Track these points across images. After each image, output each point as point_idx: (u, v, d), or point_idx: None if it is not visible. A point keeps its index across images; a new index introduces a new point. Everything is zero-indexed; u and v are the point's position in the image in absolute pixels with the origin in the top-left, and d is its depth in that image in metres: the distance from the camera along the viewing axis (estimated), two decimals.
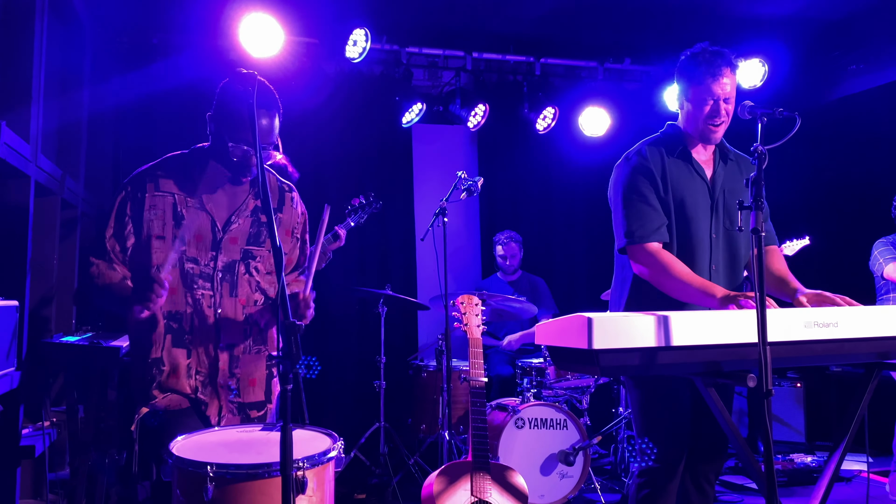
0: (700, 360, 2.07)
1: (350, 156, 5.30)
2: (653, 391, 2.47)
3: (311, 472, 1.84)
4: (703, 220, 2.51)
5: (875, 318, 2.19)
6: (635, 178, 2.48)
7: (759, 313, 1.90)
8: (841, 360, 2.26)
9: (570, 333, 2.01)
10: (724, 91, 2.46)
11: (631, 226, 2.45)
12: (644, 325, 1.98)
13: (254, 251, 2.25)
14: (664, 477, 2.48)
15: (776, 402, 5.55)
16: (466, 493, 2.70)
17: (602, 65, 5.40)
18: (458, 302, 2.99)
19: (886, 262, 4.12)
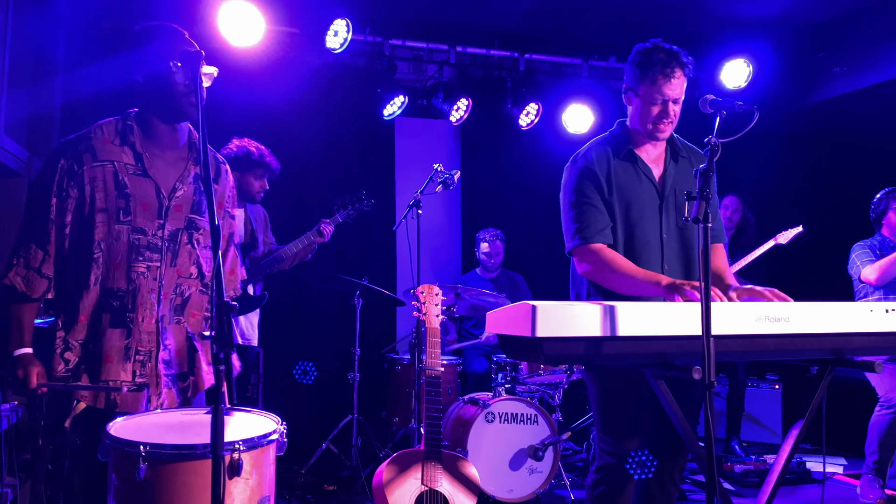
0: (647, 351, 2.06)
1: (332, 147, 5.29)
2: (609, 386, 2.45)
3: (247, 455, 1.82)
4: (652, 221, 2.49)
5: (828, 314, 2.18)
6: (580, 181, 2.47)
7: (703, 305, 1.88)
8: (793, 355, 2.24)
9: (516, 322, 2.00)
10: (674, 92, 2.44)
11: (575, 228, 2.45)
12: (589, 314, 1.97)
13: (197, 221, 2.20)
14: (621, 472, 2.46)
15: (755, 403, 5.55)
16: (417, 482, 2.68)
17: (587, 62, 5.38)
18: (419, 291, 2.98)
19: (863, 265, 4.11)
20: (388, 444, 4.35)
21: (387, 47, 5.00)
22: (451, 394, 4.46)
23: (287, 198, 5.11)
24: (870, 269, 4.05)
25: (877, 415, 4.06)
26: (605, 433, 2.46)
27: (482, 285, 5.04)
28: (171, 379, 2.18)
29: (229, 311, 1.67)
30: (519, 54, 5.29)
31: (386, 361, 4.63)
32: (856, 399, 4.61)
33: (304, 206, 5.10)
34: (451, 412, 4.16)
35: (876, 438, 4.03)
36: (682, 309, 2.04)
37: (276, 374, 4.64)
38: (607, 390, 2.46)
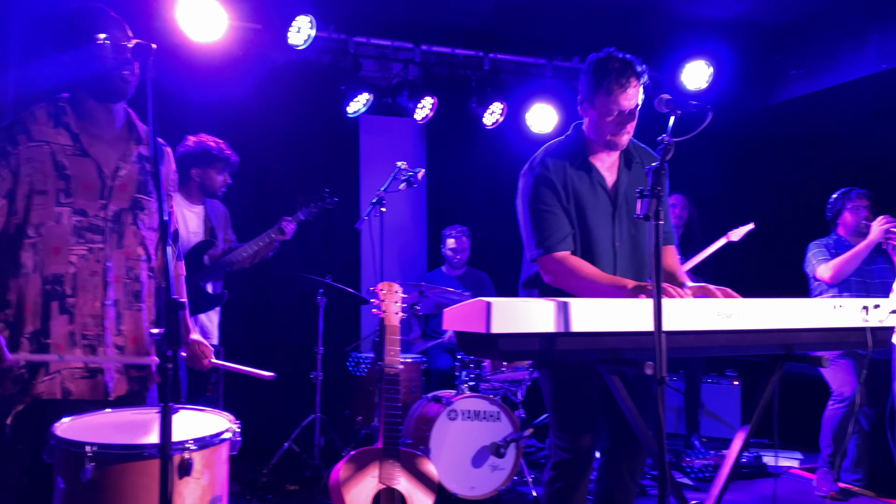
0: (601, 346, 2.07)
1: (296, 145, 5.25)
2: (563, 382, 2.47)
3: (198, 454, 1.80)
4: (605, 230, 2.51)
5: (778, 311, 2.22)
6: (539, 189, 2.47)
7: (655, 301, 1.91)
8: (745, 350, 2.28)
9: (471, 318, 2.00)
10: (629, 103, 2.44)
11: (539, 236, 2.45)
12: (544, 310, 1.98)
13: (143, 201, 2.15)
14: (577, 468, 2.48)
15: (714, 399, 5.64)
16: (374, 480, 2.68)
17: (551, 62, 5.41)
18: (378, 289, 2.96)
19: (819, 263, 4.20)
20: (351, 443, 4.34)
21: (351, 45, 4.98)
22: (414, 392, 4.45)
23: (249, 195, 5.06)
24: (824, 268, 4.14)
25: (829, 409, 4.15)
26: (560, 430, 2.48)
27: (448, 283, 5.05)
28: (123, 366, 2.13)
29: (178, 308, 1.64)
30: (484, 54, 5.31)
31: (349, 360, 4.61)
32: (811, 394, 4.70)
33: (267, 204, 5.05)
34: (415, 410, 4.16)
35: (829, 432, 4.12)
36: (634, 305, 2.06)
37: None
38: (561, 386, 2.48)
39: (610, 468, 2.65)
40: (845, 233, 4.30)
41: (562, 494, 2.48)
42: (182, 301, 1.66)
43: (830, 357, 4.16)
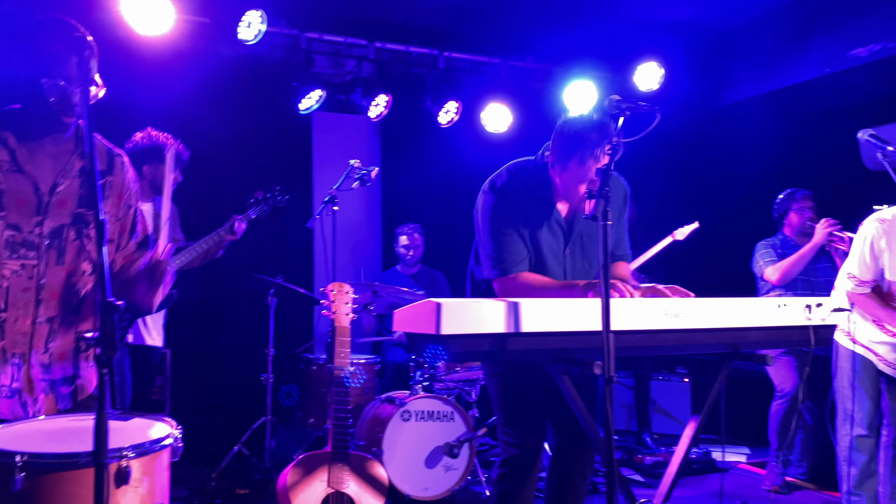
0: (551, 347, 2.08)
1: (246, 142, 5.15)
2: (511, 379, 2.47)
3: (137, 462, 1.73)
4: (557, 265, 2.53)
5: (725, 310, 2.25)
6: (499, 211, 2.47)
7: (603, 301, 1.91)
8: (693, 349, 2.31)
9: (422, 319, 1.98)
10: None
11: (495, 258, 2.45)
12: (494, 311, 1.98)
13: (86, 216, 2.07)
14: (525, 466, 2.48)
15: (665, 396, 5.73)
16: (323, 485, 2.63)
17: (505, 61, 5.42)
18: (328, 289, 2.92)
19: (766, 265, 4.29)
20: (303, 446, 4.27)
21: (303, 40, 4.91)
22: (367, 393, 4.41)
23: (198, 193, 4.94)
24: (772, 270, 4.24)
25: (774, 405, 4.25)
26: (509, 426, 2.48)
27: (402, 282, 5.01)
28: (49, 384, 2.05)
29: (113, 310, 1.58)
30: (439, 52, 5.29)
31: (301, 361, 4.54)
32: (758, 390, 4.81)
33: (217, 202, 4.94)
34: (368, 412, 4.12)
35: (775, 428, 4.22)
36: (584, 305, 2.07)
37: (185, 376, 4.49)
38: (509, 383, 2.48)
39: (560, 466, 2.66)
40: (791, 233, 4.41)
41: (510, 491, 2.48)
42: (118, 304, 1.59)
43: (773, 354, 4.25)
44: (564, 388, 2.20)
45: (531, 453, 2.46)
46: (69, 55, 1.90)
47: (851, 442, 3.36)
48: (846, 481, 3.38)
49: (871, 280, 3.26)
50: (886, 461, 3.40)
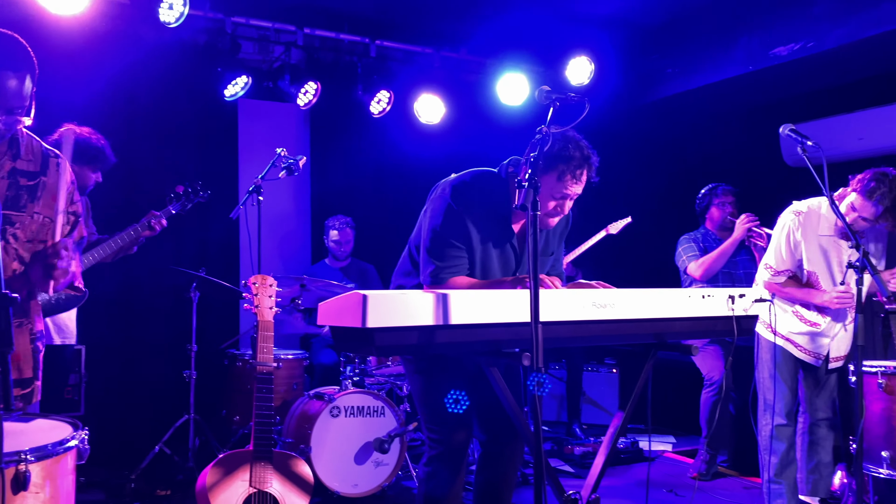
0: (481, 339, 2.05)
1: (168, 129, 4.94)
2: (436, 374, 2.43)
3: (37, 466, 1.61)
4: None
5: (651, 301, 2.27)
6: (452, 219, 2.39)
7: (531, 292, 1.89)
8: (620, 340, 2.32)
9: (346, 312, 1.91)
10: (577, 191, 2.42)
11: (435, 264, 2.38)
12: (422, 303, 1.93)
13: (13, 216, 2.02)
14: (451, 463, 2.44)
15: (594, 387, 5.81)
16: (244, 484, 2.54)
17: (438, 52, 5.37)
18: (251, 282, 2.81)
19: (689, 260, 4.39)
20: (227, 444, 4.14)
21: (229, 25, 4.73)
22: (296, 389, 4.30)
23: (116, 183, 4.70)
24: (694, 266, 4.34)
25: (704, 394, 4.36)
26: (434, 423, 2.44)
27: (331, 276, 4.91)
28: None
29: (8, 304, 1.47)
30: (370, 40, 5.19)
31: (226, 357, 4.39)
32: (684, 380, 4.92)
33: (136, 193, 4.72)
34: (296, 408, 4.01)
35: (704, 416, 4.33)
36: (513, 296, 2.04)
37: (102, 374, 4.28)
38: (433, 380, 2.44)
39: (489, 459, 2.64)
40: (712, 227, 4.52)
41: (438, 489, 2.44)
42: (13, 296, 1.47)
43: (699, 344, 4.36)
44: (493, 380, 2.17)
45: (458, 450, 2.43)
46: (3, 81, 1.86)
47: (771, 431, 3.46)
48: (767, 470, 3.48)
49: (786, 270, 3.36)
50: (802, 448, 3.53)
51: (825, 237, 3.30)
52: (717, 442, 4.37)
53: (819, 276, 3.33)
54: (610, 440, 2.37)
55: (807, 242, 3.31)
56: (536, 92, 2.23)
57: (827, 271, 3.31)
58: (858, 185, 3.18)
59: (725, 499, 3.96)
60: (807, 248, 3.31)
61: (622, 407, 2.47)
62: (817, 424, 3.52)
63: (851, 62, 4.63)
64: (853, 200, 3.20)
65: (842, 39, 4.32)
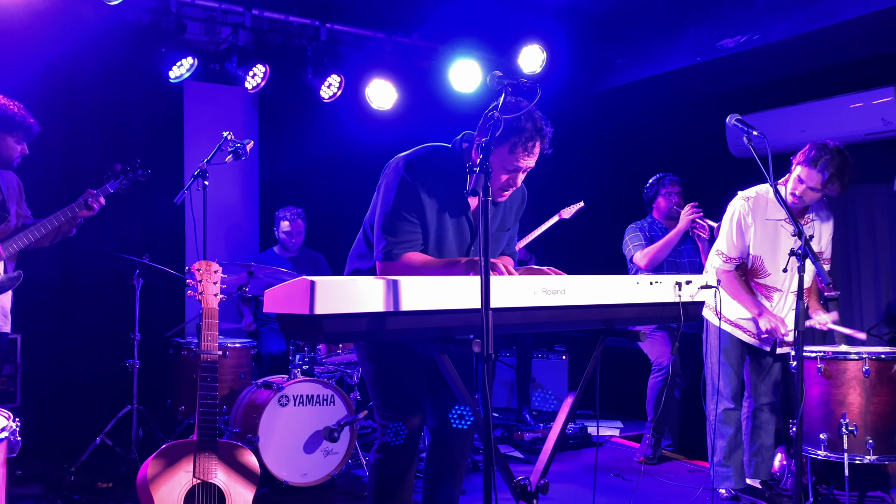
0: (431, 325, 2.02)
1: (111, 111, 4.78)
2: (388, 361, 2.40)
3: None
4: (460, 255, 2.47)
5: (600, 287, 2.28)
6: (406, 193, 2.35)
7: (482, 279, 1.87)
8: (569, 326, 2.32)
9: (294, 299, 1.87)
10: (530, 164, 2.38)
11: (388, 240, 2.34)
12: (372, 289, 1.89)
13: None
14: (402, 449, 2.42)
15: (544, 373, 5.86)
16: (188, 475, 2.47)
17: (390, 37, 5.30)
18: (194, 268, 2.73)
19: (635, 249, 4.45)
20: (173, 435, 4.04)
21: (174, 4, 4.57)
22: (244, 378, 4.22)
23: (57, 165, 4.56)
24: (640, 255, 4.41)
25: (651, 379, 4.43)
26: (386, 410, 2.42)
27: (280, 264, 4.82)
28: None
29: None
30: (320, 23, 5.08)
31: (171, 346, 4.28)
32: (632, 366, 5.00)
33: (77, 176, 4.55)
34: (243, 397, 3.94)
35: (651, 401, 4.41)
36: (463, 283, 2.02)
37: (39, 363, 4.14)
38: (385, 366, 2.41)
39: (439, 446, 2.63)
40: (659, 216, 4.59)
41: (389, 476, 2.42)
42: None
43: (647, 330, 4.44)
44: (443, 366, 2.15)
45: (409, 436, 2.41)
46: None
47: (719, 415, 3.54)
48: (715, 453, 3.56)
49: (737, 257, 3.44)
50: (746, 431, 3.62)
51: (773, 221, 3.38)
52: (663, 426, 4.45)
53: (764, 261, 3.41)
54: (559, 426, 2.38)
55: (755, 227, 3.38)
56: (489, 77, 2.21)
57: (772, 256, 3.39)
58: (802, 157, 3.28)
59: (671, 481, 4.04)
60: (755, 232, 3.39)
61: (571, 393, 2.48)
62: (760, 409, 3.62)
63: (795, 55, 4.73)
64: (799, 173, 3.28)
65: (786, 33, 4.41)
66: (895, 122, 4.76)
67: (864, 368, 3.16)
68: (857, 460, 3.14)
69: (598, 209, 5.58)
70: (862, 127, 4.92)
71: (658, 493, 3.85)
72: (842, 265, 5.42)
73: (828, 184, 3.22)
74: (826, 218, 3.51)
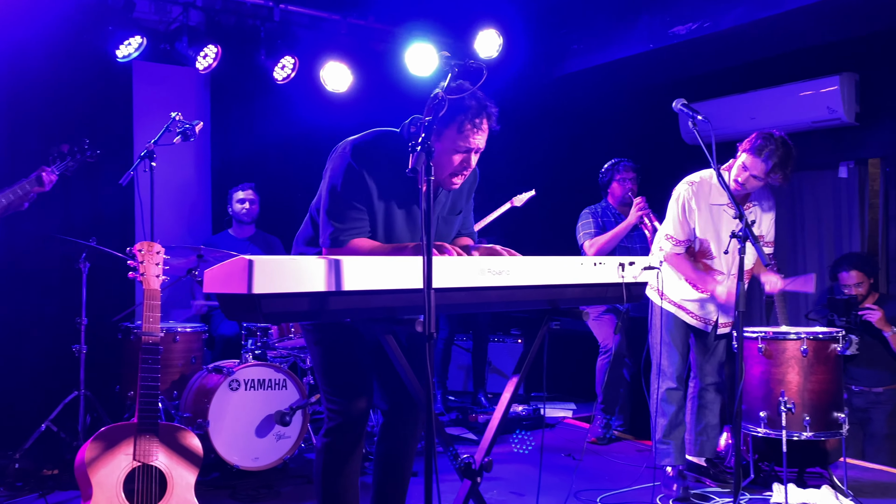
0: (375, 305, 2.02)
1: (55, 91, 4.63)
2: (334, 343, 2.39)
3: None
4: (413, 239, 2.44)
5: (545, 268, 2.30)
6: (353, 179, 2.30)
7: (424, 258, 1.88)
8: (514, 306, 2.35)
9: (232, 278, 1.85)
10: (480, 143, 2.33)
11: (334, 226, 2.30)
12: (313, 268, 1.88)
13: None
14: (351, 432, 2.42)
15: (499, 356, 5.91)
16: (128, 458, 2.44)
17: (345, 18, 5.24)
18: (136, 249, 2.69)
19: (585, 238, 4.52)
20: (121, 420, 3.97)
21: None
22: (195, 363, 4.17)
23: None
24: (588, 244, 4.49)
25: (599, 361, 4.51)
26: (333, 394, 2.41)
27: (236, 246, 4.76)
28: None
29: None
30: (274, 3, 5.00)
31: (119, 331, 4.21)
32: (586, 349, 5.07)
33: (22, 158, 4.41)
34: (194, 382, 3.91)
35: (600, 382, 4.49)
36: (407, 263, 2.03)
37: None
38: (333, 350, 2.40)
39: (390, 429, 2.63)
40: (614, 202, 4.65)
41: (336, 461, 2.42)
42: None
43: (595, 313, 4.51)
44: (388, 347, 2.16)
45: (356, 421, 2.40)
46: None
47: (662, 395, 3.62)
48: (657, 431, 3.64)
49: (685, 240, 3.50)
50: (692, 411, 3.71)
51: (716, 206, 3.45)
52: (612, 407, 4.54)
53: (710, 244, 3.49)
54: (503, 406, 2.41)
55: (700, 211, 3.45)
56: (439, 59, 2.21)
57: (717, 240, 3.47)
58: (748, 145, 3.35)
59: (619, 461, 4.13)
60: (699, 216, 3.46)
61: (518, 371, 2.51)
62: (706, 389, 3.71)
63: (745, 43, 4.82)
64: (744, 160, 3.35)
65: (736, 20, 4.48)
66: (840, 110, 4.89)
67: (803, 348, 3.26)
68: (794, 436, 3.24)
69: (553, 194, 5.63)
70: (809, 115, 5.04)
71: (605, 472, 3.93)
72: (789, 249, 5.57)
73: (771, 173, 3.30)
74: (768, 208, 3.59)
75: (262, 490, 3.56)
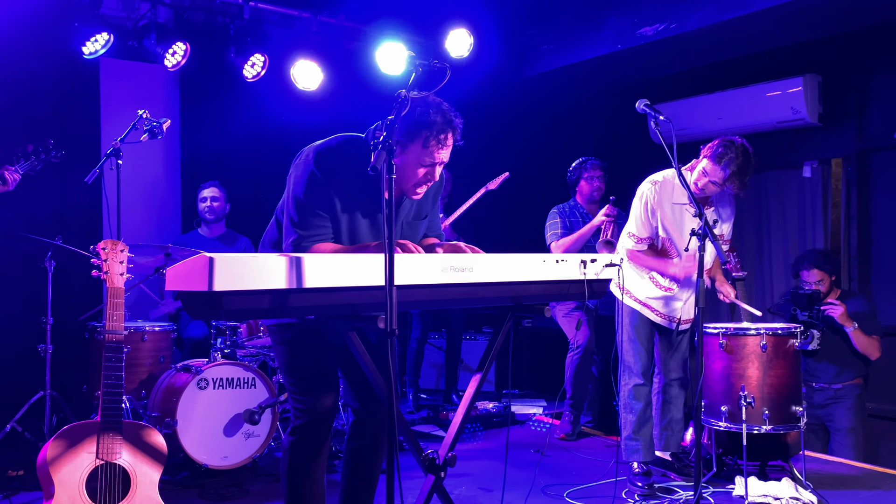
0: (337, 302, 2.03)
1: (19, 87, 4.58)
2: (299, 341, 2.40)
3: None
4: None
5: (508, 265, 2.33)
6: (317, 186, 2.30)
7: (386, 255, 1.90)
8: (478, 303, 2.38)
9: (193, 276, 1.85)
10: (444, 157, 2.34)
11: (298, 233, 2.30)
12: (274, 265, 1.89)
13: None
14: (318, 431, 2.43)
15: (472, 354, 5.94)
16: (91, 457, 2.43)
17: (316, 16, 5.24)
18: (100, 247, 2.67)
19: (552, 238, 4.57)
20: None
21: None
22: (163, 362, 4.14)
23: None
24: (555, 246, 4.54)
25: (568, 357, 4.56)
26: (300, 392, 2.42)
27: (205, 245, 4.73)
28: None
29: None
30: (243, 1, 4.99)
31: (86, 330, 4.17)
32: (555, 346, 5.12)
33: None
34: (162, 381, 3.88)
35: (569, 378, 4.53)
36: (370, 260, 2.04)
37: None
38: (298, 348, 2.41)
39: (360, 426, 2.64)
40: (582, 200, 4.71)
41: (302, 459, 2.43)
42: None
43: (565, 310, 4.56)
44: (352, 345, 2.18)
45: (322, 419, 2.42)
46: None
47: (630, 391, 3.67)
48: (625, 428, 3.69)
49: (647, 238, 3.56)
50: (657, 406, 3.77)
51: (678, 205, 3.51)
52: (581, 403, 4.59)
53: (673, 242, 3.55)
54: (467, 401, 2.43)
55: (662, 210, 3.51)
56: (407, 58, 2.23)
57: (679, 238, 3.53)
58: (709, 151, 3.41)
59: (587, 456, 4.18)
60: (662, 215, 3.51)
61: (480, 368, 2.54)
62: (670, 384, 3.77)
63: (711, 44, 4.90)
64: (704, 166, 3.42)
65: (701, 22, 4.55)
66: (803, 110, 4.99)
67: (762, 343, 3.33)
68: (755, 430, 3.31)
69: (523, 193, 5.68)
70: (774, 115, 5.14)
71: (572, 467, 3.97)
72: (754, 248, 5.67)
73: (727, 181, 3.36)
74: (728, 216, 3.65)
75: (231, 489, 3.56)
